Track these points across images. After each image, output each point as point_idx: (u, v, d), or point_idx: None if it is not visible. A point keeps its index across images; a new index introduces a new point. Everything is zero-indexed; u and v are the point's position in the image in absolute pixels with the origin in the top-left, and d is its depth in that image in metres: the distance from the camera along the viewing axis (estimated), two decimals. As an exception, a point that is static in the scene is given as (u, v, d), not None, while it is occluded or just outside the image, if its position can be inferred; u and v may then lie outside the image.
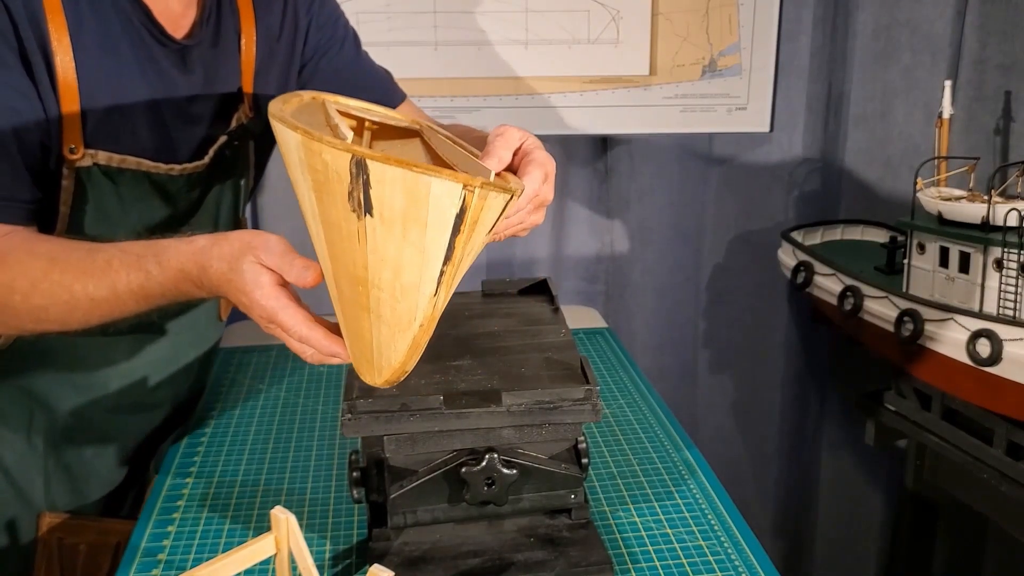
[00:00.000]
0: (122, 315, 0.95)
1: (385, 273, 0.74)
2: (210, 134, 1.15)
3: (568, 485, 0.95)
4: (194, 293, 0.91)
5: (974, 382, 1.61)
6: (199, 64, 1.12)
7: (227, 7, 1.15)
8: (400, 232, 0.72)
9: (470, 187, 0.69)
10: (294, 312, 0.83)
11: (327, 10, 1.26)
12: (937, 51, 1.99)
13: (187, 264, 0.88)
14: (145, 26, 1.05)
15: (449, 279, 0.74)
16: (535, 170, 0.87)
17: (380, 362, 0.80)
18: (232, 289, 0.85)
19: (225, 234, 0.88)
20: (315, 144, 0.72)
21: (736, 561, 0.97)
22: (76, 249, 0.94)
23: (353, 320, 0.80)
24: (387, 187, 0.70)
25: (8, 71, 0.95)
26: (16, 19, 0.95)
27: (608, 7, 1.93)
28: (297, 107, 0.89)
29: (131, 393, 1.21)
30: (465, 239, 0.72)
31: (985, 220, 1.58)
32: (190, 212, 1.15)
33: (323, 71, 1.25)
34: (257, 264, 0.84)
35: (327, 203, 0.75)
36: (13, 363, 1.14)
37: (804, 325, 2.29)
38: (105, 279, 0.91)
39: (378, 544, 0.94)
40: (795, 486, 2.40)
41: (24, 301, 0.94)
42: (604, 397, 1.38)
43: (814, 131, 2.17)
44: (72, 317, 0.95)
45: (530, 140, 0.90)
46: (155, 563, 0.98)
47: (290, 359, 1.53)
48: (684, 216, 2.19)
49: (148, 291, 0.91)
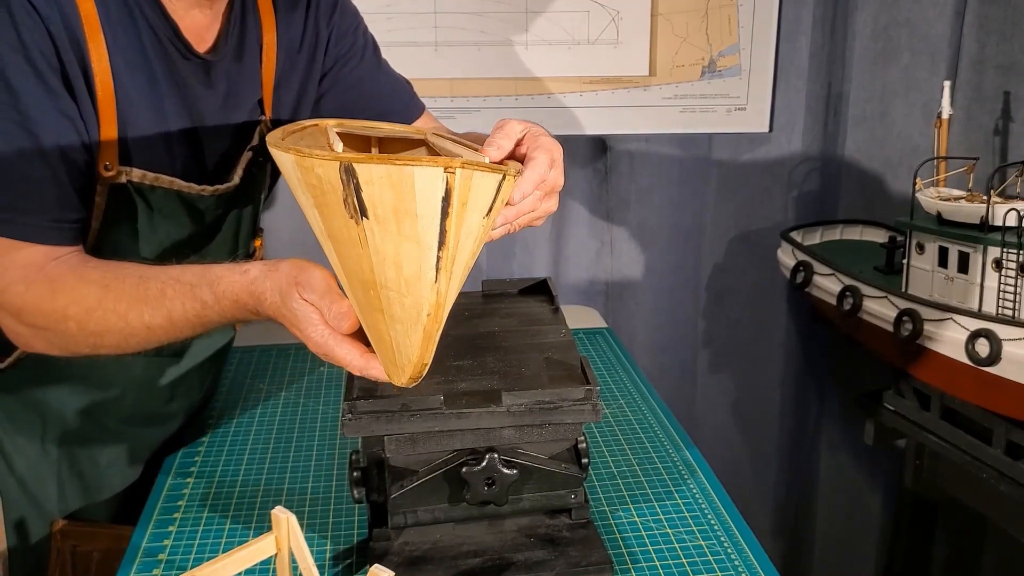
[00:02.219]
0: (180, 339, 0.97)
1: (389, 271, 0.76)
2: (234, 148, 1.15)
3: (568, 485, 0.95)
4: (250, 319, 0.93)
5: (973, 382, 1.61)
6: (222, 79, 1.11)
7: (250, 20, 1.14)
8: (395, 227, 0.73)
9: (450, 168, 0.71)
10: (349, 348, 0.85)
11: (347, 20, 1.25)
12: (936, 51, 1.99)
13: (242, 295, 0.90)
14: (172, 42, 1.05)
15: (448, 264, 0.75)
16: (540, 155, 0.87)
17: (401, 360, 0.81)
18: (286, 322, 0.88)
19: (275, 264, 0.89)
20: (307, 160, 0.74)
21: (736, 561, 0.98)
22: (128, 275, 0.95)
23: (373, 325, 0.81)
24: (375, 186, 0.72)
25: (52, 94, 0.96)
26: (56, 39, 0.95)
27: (608, 8, 1.93)
28: (298, 135, 0.90)
29: (146, 405, 1.21)
30: (456, 222, 0.73)
31: (984, 220, 1.59)
32: (215, 227, 1.16)
33: (343, 81, 1.25)
34: (304, 302, 0.85)
35: (329, 216, 0.76)
36: (29, 372, 1.14)
37: (803, 325, 2.29)
38: (160, 308, 0.93)
39: (378, 544, 0.94)
40: (795, 486, 2.41)
41: (79, 329, 0.96)
42: (604, 397, 1.38)
43: (813, 131, 2.18)
44: (128, 344, 0.97)
45: (534, 128, 0.90)
46: (156, 563, 0.98)
47: (291, 359, 1.53)
48: (684, 216, 2.19)
49: (204, 319, 0.93)
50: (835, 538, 2.40)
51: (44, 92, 0.95)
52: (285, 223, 1.90)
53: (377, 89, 1.28)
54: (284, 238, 1.88)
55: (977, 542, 2.07)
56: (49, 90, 0.95)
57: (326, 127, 0.96)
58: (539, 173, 0.87)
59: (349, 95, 1.24)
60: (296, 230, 1.84)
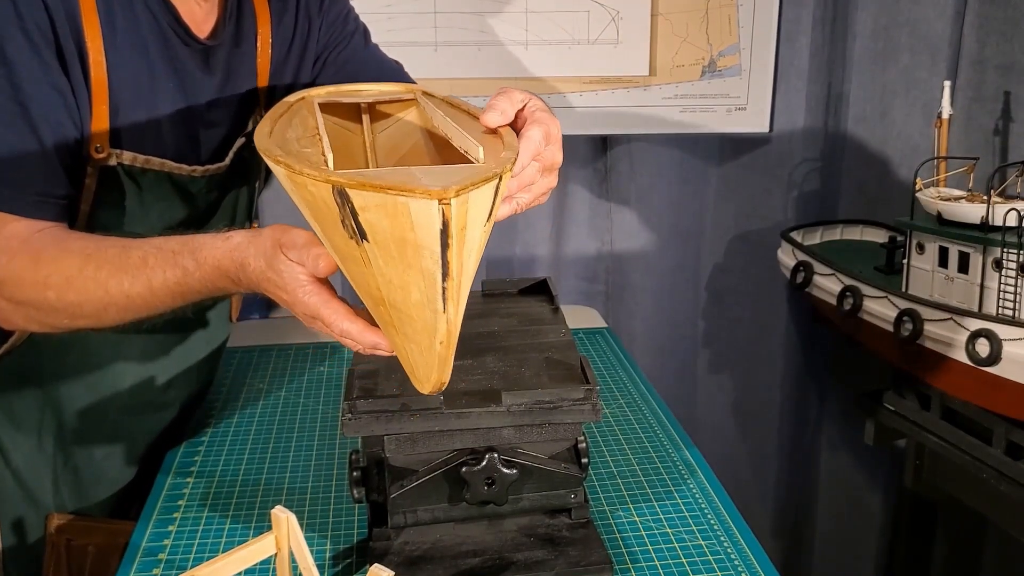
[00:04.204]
0: (158, 311, 0.95)
1: (395, 293, 0.73)
2: (229, 135, 1.15)
3: (568, 485, 0.95)
4: (231, 289, 0.91)
5: (973, 382, 1.61)
6: (220, 65, 1.12)
7: (246, 10, 1.15)
8: (396, 254, 0.70)
9: (445, 200, 0.65)
10: (336, 307, 0.83)
11: (336, 8, 1.26)
12: (936, 51, 1.99)
13: (224, 261, 0.88)
14: (172, 27, 1.05)
15: (454, 293, 0.71)
16: (534, 128, 0.85)
17: (418, 374, 0.79)
18: (271, 287, 0.86)
19: (259, 231, 0.88)
20: (298, 177, 0.72)
21: (736, 560, 0.98)
22: (110, 246, 0.94)
23: (388, 335, 0.80)
24: (372, 212, 0.69)
25: (46, 68, 0.96)
26: (54, 16, 0.95)
27: (608, 7, 1.93)
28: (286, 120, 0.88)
29: (143, 392, 1.21)
30: (457, 251, 0.69)
31: (984, 220, 1.59)
32: (209, 213, 1.16)
33: (332, 63, 1.25)
34: (292, 263, 0.84)
35: (328, 230, 0.75)
36: (26, 361, 1.14)
37: (804, 325, 2.29)
38: (141, 276, 0.92)
39: (378, 543, 0.94)
40: (795, 486, 2.41)
41: (59, 298, 0.94)
42: (604, 397, 1.38)
43: (813, 131, 2.18)
44: (107, 314, 0.95)
45: (533, 101, 0.89)
46: (156, 562, 0.98)
47: (290, 359, 1.53)
48: (684, 216, 2.19)
49: (185, 288, 0.91)
50: (835, 538, 2.39)
51: (38, 65, 0.95)
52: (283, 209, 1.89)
53: (365, 69, 1.28)
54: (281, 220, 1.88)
55: (977, 542, 2.07)
56: (43, 63, 0.95)
57: (312, 100, 0.94)
58: (535, 147, 0.85)
59: (339, 76, 1.24)
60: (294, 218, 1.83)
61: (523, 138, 0.85)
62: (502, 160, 0.77)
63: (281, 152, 0.78)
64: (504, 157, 0.78)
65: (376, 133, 1.02)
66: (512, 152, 0.80)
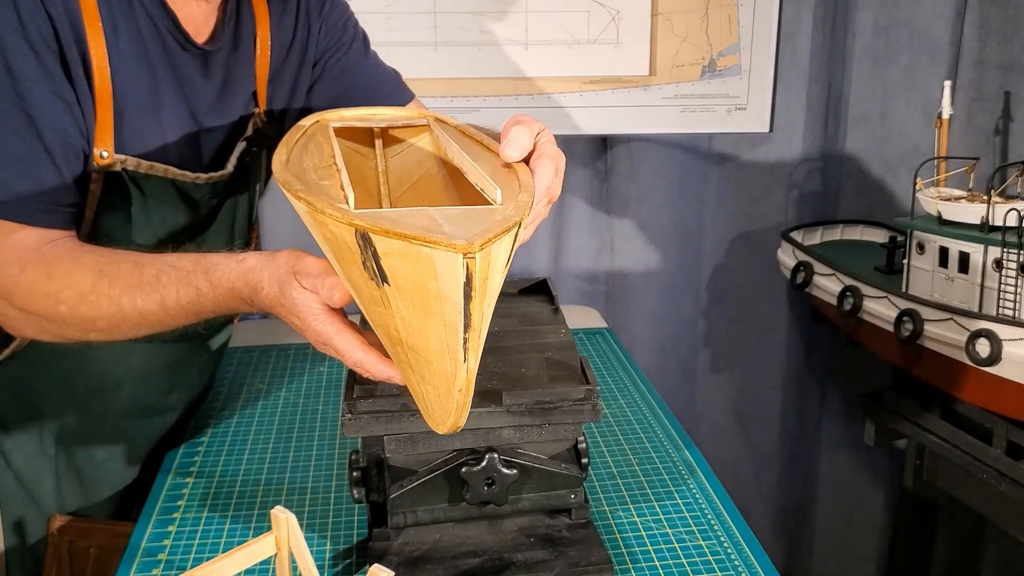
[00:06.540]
0: (171, 327, 0.96)
1: (415, 337, 0.73)
2: (229, 139, 1.15)
3: (568, 485, 0.95)
4: (244, 309, 0.92)
5: (973, 382, 1.61)
6: (219, 69, 1.12)
7: (245, 14, 1.15)
8: (418, 301, 0.70)
9: (470, 254, 0.65)
10: (349, 338, 0.84)
11: (336, 12, 1.26)
12: (937, 51, 1.99)
13: (237, 284, 0.89)
14: (171, 32, 1.05)
15: (475, 344, 0.71)
16: (546, 163, 0.86)
17: (433, 416, 0.78)
18: (284, 312, 0.86)
19: (273, 254, 0.88)
20: (319, 216, 0.71)
21: (736, 561, 0.98)
22: (123, 261, 0.95)
23: (403, 373, 0.79)
24: (395, 258, 0.68)
25: (51, 78, 0.96)
26: (57, 24, 0.95)
27: (608, 7, 1.93)
28: (302, 143, 0.88)
29: (144, 396, 1.21)
30: (479, 303, 0.69)
31: (984, 220, 1.59)
32: (210, 218, 1.16)
33: (330, 71, 1.25)
34: (305, 291, 0.84)
35: (348, 268, 0.74)
36: (27, 364, 1.14)
37: (804, 325, 2.29)
38: (154, 294, 0.92)
39: (378, 544, 0.94)
40: (795, 486, 2.40)
41: (71, 312, 0.95)
42: (604, 397, 1.38)
43: (814, 131, 2.18)
44: (120, 329, 0.96)
45: (544, 133, 0.89)
46: (155, 563, 0.98)
47: (291, 359, 1.53)
48: (684, 216, 2.19)
49: (198, 307, 0.92)
50: (835, 538, 2.39)
51: (43, 74, 0.95)
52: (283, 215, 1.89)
53: (363, 79, 1.28)
54: (283, 229, 1.88)
55: (977, 542, 2.07)
56: (48, 72, 0.95)
57: (326, 125, 0.95)
58: (546, 183, 0.86)
59: (337, 84, 1.24)
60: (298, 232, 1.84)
61: (535, 173, 0.85)
62: (520, 205, 0.76)
63: (301, 187, 0.77)
64: (522, 201, 0.77)
65: (388, 158, 1.02)
66: (529, 195, 0.79)
